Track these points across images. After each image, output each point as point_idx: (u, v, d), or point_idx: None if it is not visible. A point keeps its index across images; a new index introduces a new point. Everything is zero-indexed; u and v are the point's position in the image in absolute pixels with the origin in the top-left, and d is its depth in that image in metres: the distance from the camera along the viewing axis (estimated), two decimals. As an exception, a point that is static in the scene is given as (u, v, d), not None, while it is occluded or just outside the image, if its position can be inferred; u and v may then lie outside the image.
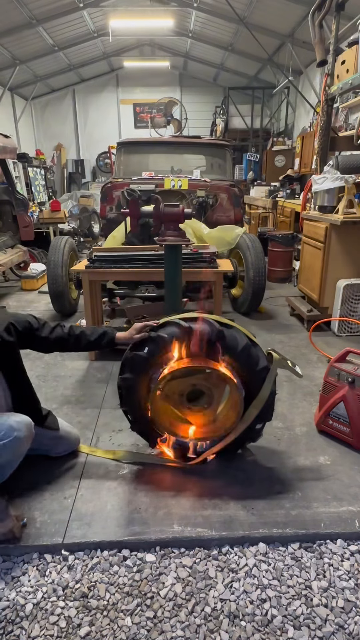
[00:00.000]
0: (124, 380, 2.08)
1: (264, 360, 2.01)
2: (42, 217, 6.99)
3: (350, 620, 1.52)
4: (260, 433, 2.18)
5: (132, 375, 2.05)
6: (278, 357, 2.03)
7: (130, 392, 2.10)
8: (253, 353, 2.00)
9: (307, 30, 4.50)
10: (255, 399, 2.02)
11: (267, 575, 1.68)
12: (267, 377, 2.00)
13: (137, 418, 2.17)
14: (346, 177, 3.75)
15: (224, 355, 2.00)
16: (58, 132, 13.25)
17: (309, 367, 3.34)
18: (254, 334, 2.13)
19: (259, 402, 2.00)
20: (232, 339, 1.98)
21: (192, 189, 4.55)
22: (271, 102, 11.70)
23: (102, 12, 9.10)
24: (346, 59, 3.91)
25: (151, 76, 12.53)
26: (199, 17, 9.19)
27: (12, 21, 8.16)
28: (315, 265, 4.06)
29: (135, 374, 2.05)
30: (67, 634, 1.48)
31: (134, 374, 2.05)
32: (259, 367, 1.99)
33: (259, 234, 6.38)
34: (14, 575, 1.69)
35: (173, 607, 1.57)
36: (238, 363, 2.00)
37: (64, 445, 2.23)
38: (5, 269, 5.47)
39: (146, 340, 2.03)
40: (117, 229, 4.30)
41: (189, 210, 2.67)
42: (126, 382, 2.07)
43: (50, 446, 2.19)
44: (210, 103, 12.63)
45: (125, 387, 2.10)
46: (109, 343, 2.06)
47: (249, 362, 1.99)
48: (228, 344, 1.98)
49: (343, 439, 2.38)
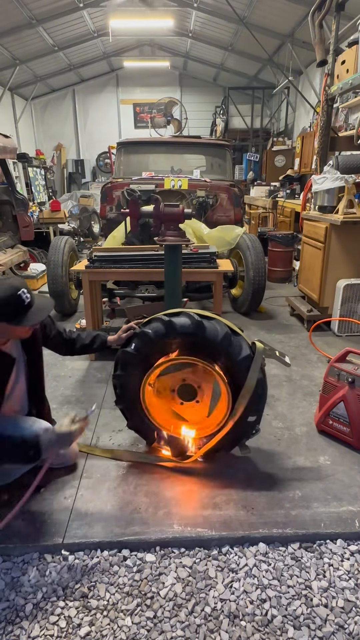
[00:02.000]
0: (116, 378, 2.13)
1: (247, 349, 1.98)
2: (42, 217, 6.99)
3: (350, 620, 1.52)
4: (256, 427, 2.11)
5: (123, 373, 2.10)
6: (262, 347, 2.00)
7: (124, 389, 2.14)
8: (235, 342, 1.97)
9: (307, 30, 4.51)
10: (242, 389, 1.99)
11: (267, 575, 1.68)
12: (251, 366, 1.97)
13: (133, 415, 2.21)
14: (346, 177, 3.75)
15: (206, 346, 2.00)
16: (58, 132, 13.25)
17: (309, 367, 3.34)
18: (254, 334, 2.13)
19: (246, 392, 1.97)
20: (212, 329, 1.97)
21: (192, 189, 4.55)
22: (271, 102, 11.70)
23: (102, 12, 9.10)
24: (346, 59, 3.90)
25: (151, 76, 12.54)
26: (199, 17, 9.19)
27: (12, 21, 8.16)
28: (315, 265, 4.06)
29: (125, 371, 2.10)
30: (67, 634, 1.48)
31: (124, 371, 2.10)
32: (241, 355, 1.96)
33: (259, 234, 6.39)
34: (14, 575, 1.69)
35: (173, 607, 1.57)
36: (220, 353, 1.99)
37: (60, 458, 2.15)
38: (5, 269, 5.46)
39: (132, 337, 2.09)
40: (117, 229, 4.30)
41: (189, 210, 2.67)
42: (119, 379, 2.13)
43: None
44: (210, 103, 12.64)
45: (119, 385, 2.15)
46: (101, 345, 2.18)
47: (231, 352, 1.97)
48: (208, 335, 1.97)
49: (343, 439, 2.38)
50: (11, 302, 1.67)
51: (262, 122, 11.36)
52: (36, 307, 1.74)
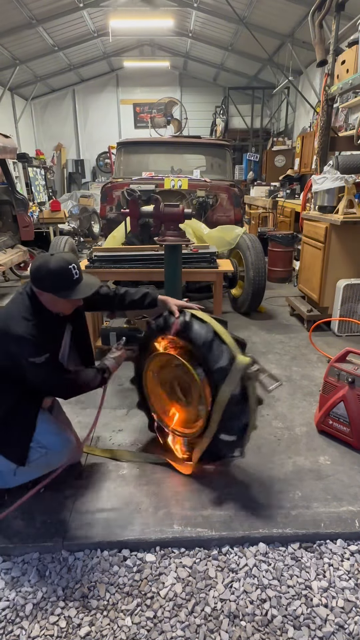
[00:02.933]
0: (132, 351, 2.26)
1: (226, 360, 1.85)
2: (42, 217, 6.99)
3: (350, 620, 1.52)
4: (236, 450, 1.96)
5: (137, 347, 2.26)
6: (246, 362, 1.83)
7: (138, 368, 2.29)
8: (215, 349, 1.87)
9: (307, 30, 4.50)
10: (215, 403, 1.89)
11: (267, 575, 1.68)
12: (226, 379, 1.84)
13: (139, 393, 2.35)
14: (346, 177, 3.75)
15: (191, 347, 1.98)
16: (58, 132, 13.24)
17: (309, 367, 3.34)
18: (254, 334, 2.12)
19: (218, 407, 1.87)
20: (198, 332, 1.93)
21: (192, 189, 4.54)
22: (271, 102, 11.70)
23: (102, 12, 9.10)
24: (346, 59, 3.90)
25: (151, 76, 12.53)
26: (199, 17, 9.19)
27: (12, 21, 8.16)
28: (315, 265, 4.06)
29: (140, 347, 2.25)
30: (67, 634, 1.48)
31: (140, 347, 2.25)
32: (217, 365, 1.85)
33: (259, 234, 6.38)
34: (14, 575, 1.69)
35: (173, 607, 1.57)
36: (200, 358, 1.93)
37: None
38: (6, 269, 5.46)
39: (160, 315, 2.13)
40: (117, 229, 4.30)
41: (189, 210, 2.67)
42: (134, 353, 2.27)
43: None
44: (210, 103, 12.63)
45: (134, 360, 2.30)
46: (151, 303, 2.16)
47: (209, 359, 1.89)
48: (193, 336, 1.94)
49: (343, 439, 2.38)
50: (61, 274, 1.74)
51: (262, 122, 11.36)
52: (84, 283, 1.81)
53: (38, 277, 1.75)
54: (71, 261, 1.76)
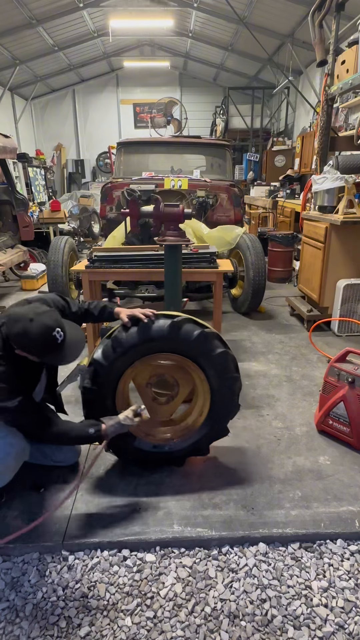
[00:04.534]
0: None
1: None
2: (42, 217, 6.99)
3: (350, 620, 1.52)
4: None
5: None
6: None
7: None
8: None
9: (307, 30, 4.50)
10: None
11: (267, 575, 1.68)
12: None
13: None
14: (346, 177, 3.75)
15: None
16: (58, 132, 13.25)
17: (309, 367, 3.34)
18: (254, 334, 2.12)
19: None
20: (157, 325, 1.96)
21: (192, 189, 4.54)
22: (271, 102, 11.70)
23: (102, 12, 9.10)
24: (346, 59, 3.90)
25: (151, 76, 12.54)
26: (199, 17, 9.19)
27: (12, 21, 8.16)
28: (315, 265, 4.06)
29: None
30: (67, 634, 1.48)
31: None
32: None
33: (259, 234, 6.38)
34: (14, 575, 1.69)
35: (173, 607, 1.57)
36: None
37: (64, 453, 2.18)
38: (5, 269, 5.47)
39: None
40: (117, 229, 4.29)
41: (189, 210, 2.66)
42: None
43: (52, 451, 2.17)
44: (210, 103, 12.63)
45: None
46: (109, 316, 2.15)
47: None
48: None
49: (343, 439, 2.38)
50: (45, 343, 1.66)
51: (262, 122, 11.35)
52: (69, 342, 1.74)
53: (20, 343, 1.67)
54: (53, 325, 1.66)
